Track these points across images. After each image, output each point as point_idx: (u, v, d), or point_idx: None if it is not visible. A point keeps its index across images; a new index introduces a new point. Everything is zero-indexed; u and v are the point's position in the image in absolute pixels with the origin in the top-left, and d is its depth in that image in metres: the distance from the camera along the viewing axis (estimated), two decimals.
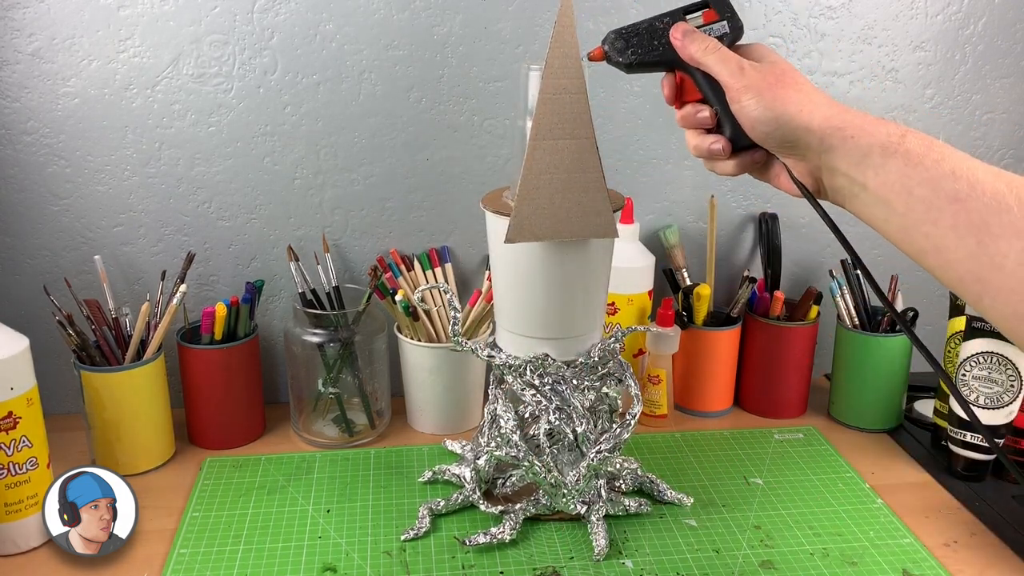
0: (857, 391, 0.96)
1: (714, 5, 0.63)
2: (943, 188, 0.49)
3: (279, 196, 0.95)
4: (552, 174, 0.67)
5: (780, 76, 0.57)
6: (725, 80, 0.59)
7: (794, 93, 0.56)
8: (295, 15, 0.88)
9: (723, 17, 0.62)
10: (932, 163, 0.50)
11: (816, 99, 0.56)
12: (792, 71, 0.58)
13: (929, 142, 0.51)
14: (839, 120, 0.54)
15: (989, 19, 0.99)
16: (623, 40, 0.63)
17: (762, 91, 0.57)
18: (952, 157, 0.50)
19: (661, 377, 0.95)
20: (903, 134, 0.52)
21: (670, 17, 0.63)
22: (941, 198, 0.49)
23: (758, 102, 0.57)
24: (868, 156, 0.53)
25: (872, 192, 0.53)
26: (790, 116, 0.55)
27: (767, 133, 0.57)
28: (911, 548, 0.76)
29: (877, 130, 0.53)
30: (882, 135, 0.52)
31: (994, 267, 0.47)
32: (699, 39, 0.61)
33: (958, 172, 0.49)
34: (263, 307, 0.98)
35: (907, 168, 0.51)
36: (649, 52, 0.63)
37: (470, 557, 0.74)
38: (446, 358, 0.91)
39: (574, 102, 0.66)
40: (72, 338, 0.82)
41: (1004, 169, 0.51)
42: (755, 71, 0.58)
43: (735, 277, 1.05)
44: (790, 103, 0.56)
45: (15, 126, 0.88)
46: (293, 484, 0.84)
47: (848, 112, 0.55)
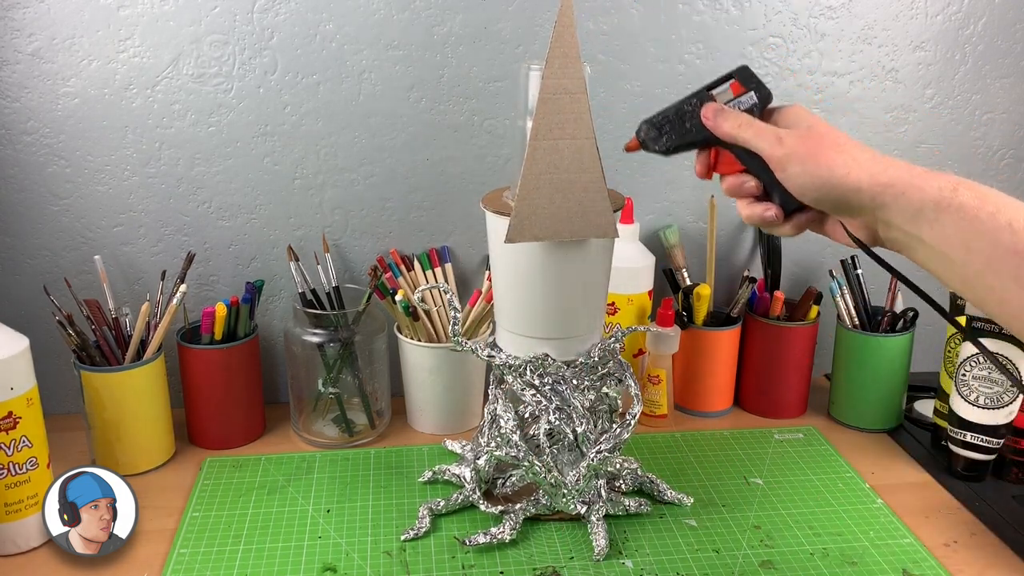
0: (857, 391, 0.96)
1: (739, 77, 0.63)
2: (1002, 241, 0.49)
3: (279, 196, 0.95)
4: (552, 174, 0.67)
5: (819, 140, 0.57)
6: (766, 153, 0.59)
7: (836, 155, 0.56)
8: (295, 15, 0.88)
9: (749, 88, 0.62)
10: (988, 216, 0.50)
11: (860, 157, 0.55)
12: (831, 131, 0.58)
13: (983, 194, 0.51)
14: (887, 177, 0.54)
15: (989, 19, 0.99)
16: (655, 129, 0.64)
17: (804, 158, 0.56)
18: (1008, 208, 0.50)
19: (661, 377, 0.95)
20: (955, 187, 0.52)
21: (697, 98, 0.63)
22: (1000, 251, 0.50)
23: (803, 170, 0.57)
24: (921, 211, 0.52)
25: (929, 245, 0.53)
26: (837, 179, 0.55)
27: (816, 198, 0.57)
28: (911, 548, 0.76)
29: (928, 184, 0.52)
30: (933, 189, 0.52)
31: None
32: (731, 116, 0.61)
33: (1015, 224, 0.49)
34: (263, 307, 0.98)
35: (962, 222, 0.51)
36: (683, 135, 0.63)
37: (470, 557, 0.74)
38: (446, 358, 0.91)
39: (574, 102, 0.66)
40: (72, 338, 0.82)
41: (1006, 168, 0.51)
42: (793, 138, 0.58)
43: (735, 277, 1.05)
44: (835, 166, 0.55)
45: (15, 126, 0.88)
46: (293, 484, 0.84)
47: (894, 166, 0.54)
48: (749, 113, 0.62)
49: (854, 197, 0.55)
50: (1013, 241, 0.49)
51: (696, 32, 0.95)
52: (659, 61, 0.96)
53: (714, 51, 0.96)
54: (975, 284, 0.52)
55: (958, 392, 0.85)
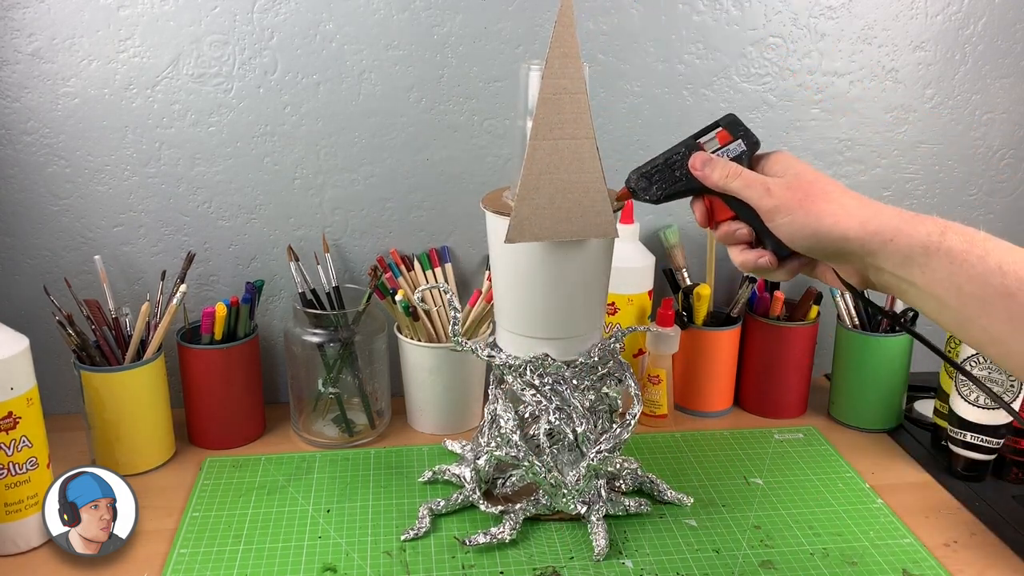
0: (857, 391, 0.96)
1: (725, 126, 0.63)
2: (992, 284, 0.50)
3: (279, 196, 0.95)
4: (552, 174, 0.67)
5: (807, 189, 0.57)
6: (755, 203, 0.59)
7: (824, 204, 0.56)
8: (295, 15, 0.88)
9: (736, 136, 0.63)
10: (977, 259, 0.51)
11: (848, 205, 0.56)
12: (818, 179, 0.58)
13: (970, 237, 0.52)
14: (875, 224, 0.54)
15: (989, 19, 0.99)
16: (645, 179, 0.65)
17: (793, 209, 0.57)
18: (997, 251, 0.51)
19: (661, 377, 0.95)
20: (942, 231, 0.52)
21: (685, 148, 0.64)
22: (991, 294, 0.50)
23: (792, 219, 0.57)
24: (910, 257, 0.53)
25: (921, 289, 0.54)
26: (826, 229, 0.56)
27: (807, 247, 0.58)
28: (911, 548, 0.76)
29: (916, 230, 0.53)
30: (921, 235, 0.53)
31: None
32: (719, 166, 0.61)
33: (1005, 267, 0.50)
34: (263, 307, 0.98)
35: (952, 266, 0.52)
36: (673, 184, 0.64)
37: (470, 557, 0.74)
38: (446, 358, 0.91)
39: (574, 102, 0.66)
40: (72, 338, 0.82)
41: (1006, 168, 0.52)
42: (782, 188, 0.58)
43: (735, 277, 1.05)
44: (824, 216, 0.56)
45: (15, 126, 0.88)
46: (293, 484, 0.84)
47: (882, 212, 0.55)
48: (737, 161, 0.62)
49: (843, 245, 0.56)
50: (1004, 283, 0.50)
51: (696, 32, 0.95)
52: (659, 61, 0.96)
53: (714, 51, 0.96)
54: (969, 326, 0.52)
55: (958, 392, 0.85)
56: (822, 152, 1.02)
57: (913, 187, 1.05)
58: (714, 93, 0.98)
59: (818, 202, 0.56)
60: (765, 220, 0.59)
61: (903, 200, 1.05)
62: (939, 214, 1.12)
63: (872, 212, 0.55)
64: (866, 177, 1.04)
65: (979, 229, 0.53)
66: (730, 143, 0.63)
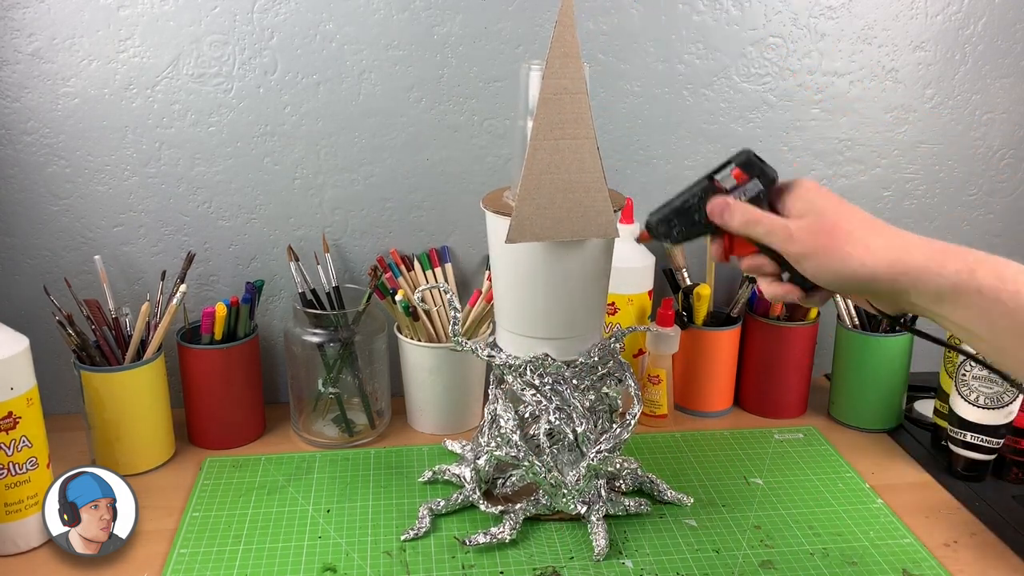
0: (857, 391, 0.96)
1: (740, 165, 0.62)
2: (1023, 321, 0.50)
3: (279, 196, 0.95)
4: (553, 174, 0.67)
5: (831, 231, 0.56)
6: (779, 248, 0.59)
7: (850, 248, 0.55)
8: (295, 15, 0.88)
9: (752, 176, 0.62)
10: (1009, 296, 0.51)
11: (873, 244, 0.55)
12: (840, 218, 0.57)
13: (1001, 273, 0.52)
14: (902, 265, 0.54)
15: (989, 19, 0.99)
16: (665, 224, 0.65)
17: (817, 254, 0.57)
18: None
19: (661, 377, 0.95)
20: (972, 270, 0.52)
21: (702, 191, 0.63)
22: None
23: (818, 264, 0.57)
24: (940, 295, 0.53)
25: (954, 323, 0.54)
26: (851, 271, 0.55)
27: (837, 287, 0.58)
28: (911, 548, 0.76)
29: (944, 268, 0.53)
30: (950, 273, 0.52)
31: None
32: (738, 212, 0.61)
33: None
34: (263, 307, 0.98)
35: (984, 303, 0.52)
36: (693, 227, 0.64)
37: (470, 557, 0.74)
38: (446, 358, 0.91)
39: (574, 102, 0.66)
40: (72, 338, 0.82)
41: (1006, 168, 0.52)
42: (804, 232, 0.57)
43: (735, 277, 1.05)
44: (849, 259, 0.55)
45: (15, 126, 0.88)
46: (293, 484, 0.84)
47: (910, 250, 0.54)
48: (755, 201, 0.61)
49: (872, 285, 0.56)
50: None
51: (696, 32, 0.95)
52: (659, 61, 0.96)
53: (714, 51, 0.96)
54: (1006, 356, 0.53)
55: (958, 392, 0.85)
56: (822, 152, 1.02)
57: (913, 187, 1.05)
58: (714, 93, 0.98)
59: (843, 245, 0.56)
60: (791, 263, 0.59)
61: (903, 200, 1.05)
62: (939, 214, 1.12)
63: (899, 250, 0.54)
64: (866, 177, 1.04)
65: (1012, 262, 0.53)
66: (746, 183, 0.62)
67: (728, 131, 0.99)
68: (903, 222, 1.06)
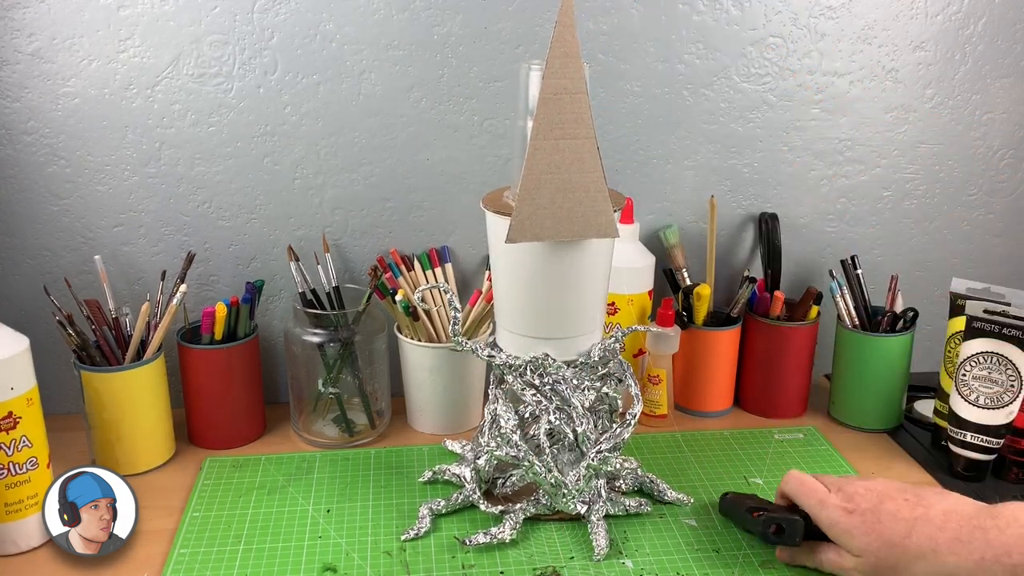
0: (857, 391, 0.96)
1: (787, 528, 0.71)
2: None
3: (279, 196, 0.95)
4: (553, 174, 0.67)
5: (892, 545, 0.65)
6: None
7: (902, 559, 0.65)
8: (295, 15, 0.88)
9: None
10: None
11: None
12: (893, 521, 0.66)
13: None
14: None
15: (989, 19, 0.99)
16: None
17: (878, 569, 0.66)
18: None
19: (661, 377, 0.95)
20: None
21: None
22: None
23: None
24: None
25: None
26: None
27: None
28: None
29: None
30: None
31: None
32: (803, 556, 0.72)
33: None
34: (263, 307, 0.98)
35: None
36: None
37: (470, 557, 0.74)
38: (446, 358, 0.91)
39: (574, 102, 0.66)
40: (72, 338, 0.82)
41: (1006, 168, 0.52)
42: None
43: (735, 277, 1.05)
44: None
45: (15, 126, 0.88)
46: (293, 484, 0.84)
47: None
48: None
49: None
50: None
51: (696, 32, 0.95)
52: (659, 61, 0.96)
53: (714, 51, 0.96)
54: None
55: (958, 392, 0.85)
56: (822, 152, 1.02)
57: (913, 187, 1.05)
58: (714, 93, 0.98)
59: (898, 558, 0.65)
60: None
61: (903, 200, 1.05)
62: (939, 214, 1.12)
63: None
64: (866, 177, 1.04)
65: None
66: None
67: (728, 131, 0.99)
68: (903, 222, 1.06)
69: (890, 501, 0.66)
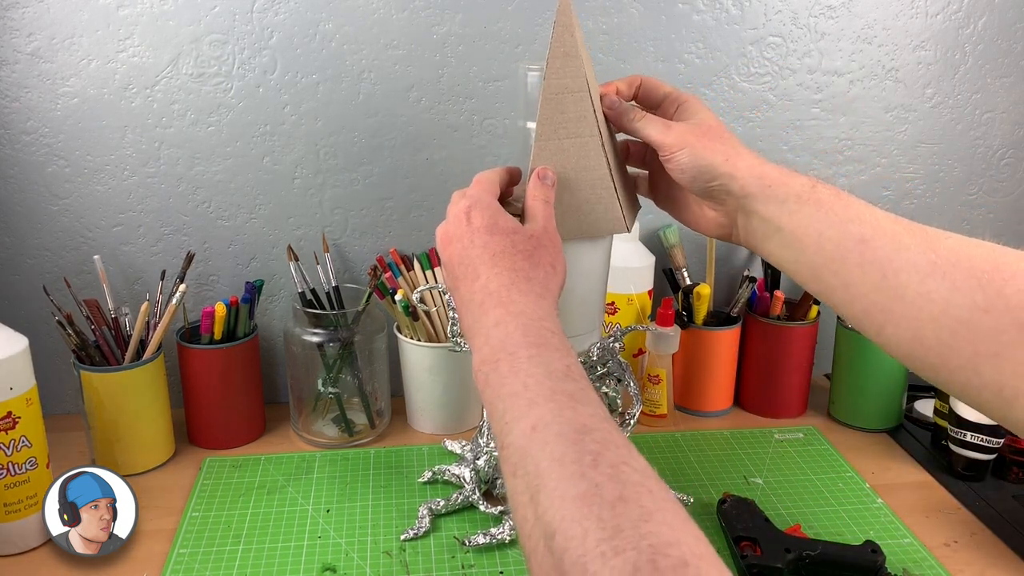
0: (857, 391, 0.96)
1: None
2: (850, 231, 0.56)
3: (279, 196, 0.94)
4: (559, 174, 0.67)
5: (708, 130, 0.63)
6: (654, 140, 0.65)
7: (721, 144, 0.62)
8: (294, 15, 0.88)
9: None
10: (841, 208, 0.57)
11: (741, 151, 0.62)
12: (721, 127, 0.64)
13: (837, 192, 0.58)
14: (759, 170, 0.61)
15: (989, 19, 0.99)
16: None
17: (692, 145, 0.63)
18: (856, 204, 0.57)
19: (661, 377, 0.95)
20: (814, 185, 0.59)
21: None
22: (848, 239, 0.56)
23: (687, 157, 0.63)
24: (784, 203, 0.59)
25: (787, 233, 0.59)
26: (714, 165, 0.62)
27: (688, 179, 0.64)
28: (911, 548, 0.76)
29: (793, 180, 0.60)
30: (797, 185, 0.59)
31: (896, 297, 0.53)
32: (625, 111, 0.68)
33: (863, 217, 0.56)
34: (263, 307, 0.98)
35: (818, 213, 0.58)
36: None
37: (470, 557, 0.74)
38: (446, 358, 0.91)
39: (576, 101, 0.66)
40: (72, 338, 0.82)
41: (1006, 168, 0.53)
42: (683, 128, 0.64)
43: (735, 277, 1.05)
44: (716, 154, 0.62)
45: (15, 126, 0.88)
46: (293, 484, 0.84)
47: (768, 164, 0.61)
48: None
49: (726, 183, 0.62)
50: (860, 231, 0.55)
51: (696, 32, 0.95)
52: (659, 61, 0.96)
53: (714, 51, 0.96)
54: (822, 271, 0.57)
55: None
56: (822, 152, 1.02)
57: (913, 187, 1.05)
58: (714, 93, 0.98)
59: (716, 142, 0.62)
60: (663, 154, 0.64)
61: (903, 200, 1.05)
62: (939, 214, 1.12)
63: (760, 162, 0.61)
64: (866, 177, 1.04)
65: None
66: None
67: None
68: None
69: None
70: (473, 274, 0.56)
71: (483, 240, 0.57)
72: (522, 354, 0.50)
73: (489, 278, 0.55)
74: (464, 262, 0.57)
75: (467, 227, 0.58)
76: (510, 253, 0.57)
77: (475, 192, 0.61)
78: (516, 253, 0.57)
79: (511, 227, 0.58)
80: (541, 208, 0.62)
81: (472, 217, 0.58)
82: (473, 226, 0.58)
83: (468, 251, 0.57)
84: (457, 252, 0.58)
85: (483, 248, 0.57)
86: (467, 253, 0.57)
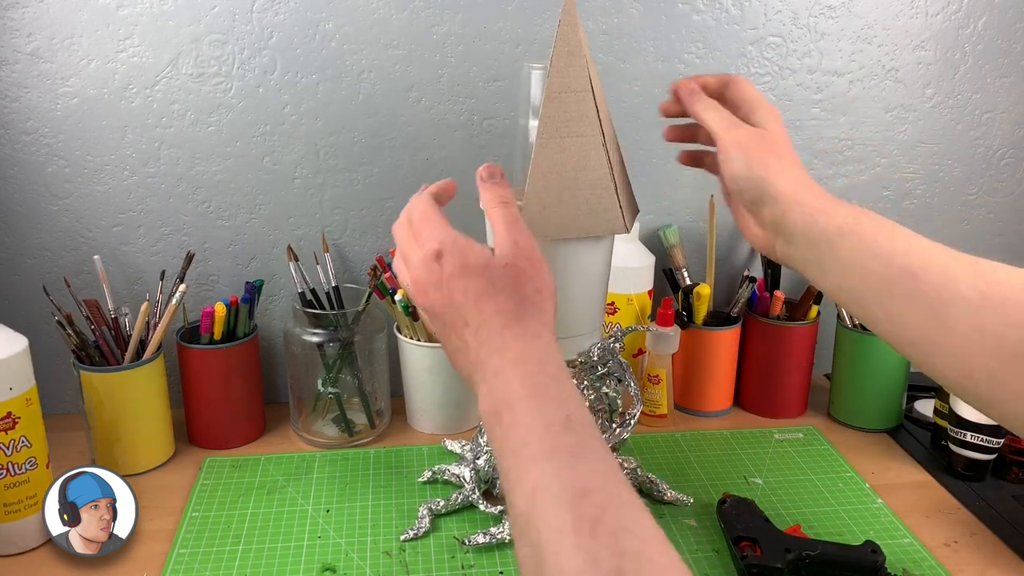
0: (857, 391, 0.96)
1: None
2: (896, 263, 0.55)
3: (279, 196, 0.94)
4: (559, 173, 0.67)
5: (771, 142, 0.63)
6: (717, 134, 0.64)
7: (774, 160, 0.62)
8: (294, 14, 0.88)
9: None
10: (886, 240, 0.56)
11: (794, 175, 0.61)
12: (785, 142, 0.63)
13: (881, 223, 0.57)
14: (803, 197, 0.60)
15: (989, 19, 0.99)
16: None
17: (749, 151, 0.62)
18: (903, 236, 0.56)
19: (661, 377, 0.95)
20: (857, 217, 0.58)
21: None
22: (895, 271, 0.55)
23: (742, 160, 0.62)
24: (825, 232, 0.58)
25: (829, 264, 0.58)
26: (764, 180, 0.61)
27: (737, 185, 0.63)
28: (911, 548, 0.76)
29: (836, 211, 0.58)
30: (839, 217, 0.58)
31: (946, 330, 0.52)
32: (701, 99, 0.68)
33: (911, 249, 0.55)
34: (263, 307, 0.98)
35: (861, 246, 0.56)
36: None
37: (470, 557, 0.74)
38: (446, 358, 0.90)
39: (579, 100, 0.66)
40: (72, 338, 0.82)
41: (1006, 168, 0.53)
42: (748, 132, 0.63)
43: (735, 277, 1.05)
44: (768, 169, 0.61)
45: (15, 126, 0.88)
46: (293, 484, 0.84)
47: (812, 191, 0.60)
48: None
49: (769, 203, 0.61)
50: (908, 263, 0.54)
51: (696, 32, 0.95)
52: (659, 61, 0.96)
53: (714, 51, 0.96)
54: (869, 302, 0.56)
55: None
56: (822, 151, 1.02)
57: (913, 187, 1.05)
58: None
59: (771, 156, 0.62)
60: (720, 152, 0.64)
61: (903, 200, 1.05)
62: (939, 214, 1.12)
63: (803, 187, 0.60)
64: (866, 177, 1.04)
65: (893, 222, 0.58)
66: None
67: None
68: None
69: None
70: (462, 322, 0.53)
71: (461, 286, 0.53)
72: (520, 407, 0.48)
73: (479, 325, 0.52)
74: (449, 310, 0.54)
75: (440, 273, 0.54)
76: (491, 294, 0.53)
77: (433, 232, 0.56)
78: (497, 293, 0.53)
79: (482, 263, 0.54)
80: (501, 214, 0.57)
81: (444, 261, 0.54)
82: (446, 271, 0.54)
83: (451, 298, 0.54)
84: (438, 301, 0.54)
85: (464, 294, 0.53)
86: (450, 300, 0.54)
